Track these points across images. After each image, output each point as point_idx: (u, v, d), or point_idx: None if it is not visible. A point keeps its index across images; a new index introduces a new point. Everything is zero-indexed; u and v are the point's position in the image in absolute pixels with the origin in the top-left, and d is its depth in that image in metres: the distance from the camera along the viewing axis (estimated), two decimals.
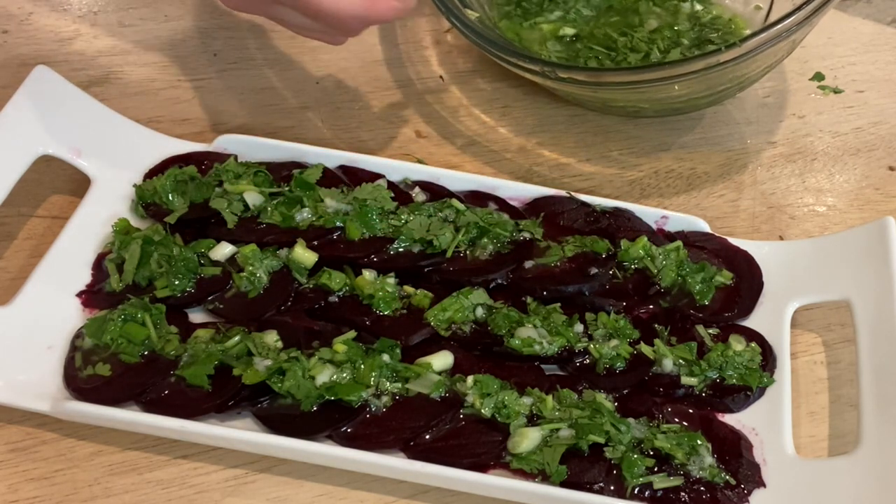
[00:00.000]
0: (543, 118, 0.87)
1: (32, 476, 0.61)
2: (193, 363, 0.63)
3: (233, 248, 0.69)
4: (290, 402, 0.61)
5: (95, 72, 0.85)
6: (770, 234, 0.80)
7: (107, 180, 0.72)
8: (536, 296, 0.69)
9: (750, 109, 0.90)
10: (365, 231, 0.70)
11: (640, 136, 0.86)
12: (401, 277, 0.69)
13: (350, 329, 0.65)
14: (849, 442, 0.65)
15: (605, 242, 0.71)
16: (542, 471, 0.60)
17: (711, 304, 0.71)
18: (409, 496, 0.62)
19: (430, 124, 0.86)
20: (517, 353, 0.65)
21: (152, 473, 0.61)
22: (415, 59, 0.91)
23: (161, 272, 0.67)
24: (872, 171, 0.86)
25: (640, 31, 0.86)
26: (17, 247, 0.72)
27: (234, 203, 0.71)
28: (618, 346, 0.66)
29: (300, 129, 0.84)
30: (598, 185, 0.82)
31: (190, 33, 0.90)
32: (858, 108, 0.91)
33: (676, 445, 0.62)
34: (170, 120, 0.82)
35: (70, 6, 0.91)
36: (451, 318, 0.67)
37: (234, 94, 0.86)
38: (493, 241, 0.71)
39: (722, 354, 0.67)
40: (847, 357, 0.71)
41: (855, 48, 0.96)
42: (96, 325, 0.64)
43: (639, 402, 0.65)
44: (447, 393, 0.63)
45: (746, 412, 0.66)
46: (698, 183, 0.83)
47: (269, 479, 0.62)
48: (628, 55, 0.84)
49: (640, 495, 0.60)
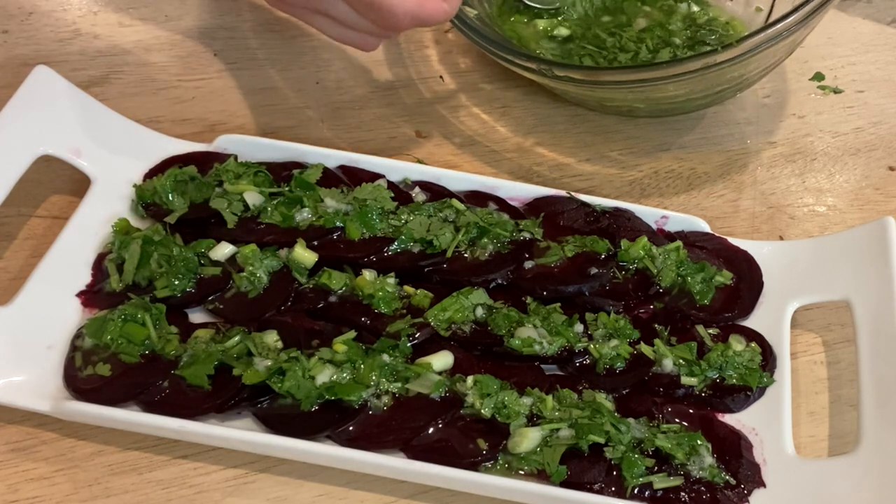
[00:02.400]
0: (543, 118, 0.87)
1: (32, 476, 0.61)
2: (193, 363, 0.63)
3: (233, 248, 0.69)
4: (290, 402, 0.61)
5: (95, 72, 0.85)
6: (770, 234, 0.80)
7: (107, 180, 0.72)
8: (536, 296, 0.69)
9: (750, 109, 0.90)
10: (365, 231, 0.70)
11: (640, 137, 0.86)
12: (401, 277, 0.69)
13: (350, 329, 0.65)
14: (849, 442, 0.65)
15: (605, 242, 0.71)
16: (542, 471, 0.60)
17: (711, 304, 0.71)
18: (409, 496, 0.62)
19: (429, 124, 0.86)
20: (517, 353, 0.65)
21: (152, 473, 0.61)
22: (415, 59, 0.91)
23: (161, 272, 0.67)
24: (872, 171, 0.86)
25: (629, 31, 0.86)
26: (17, 247, 0.72)
27: (234, 203, 0.71)
28: (618, 346, 0.66)
29: (300, 129, 0.84)
30: (598, 185, 0.82)
31: (190, 33, 0.90)
32: (858, 108, 0.91)
33: (676, 445, 0.62)
34: (170, 120, 0.82)
35: (70, 6, 0.91)
36: (451, 318, 0.67)
37: (234, 94, 0.86)
38: (493, 241, 0.71)
39: (722, 354, 0.67)
40: (847, 357, 0.71)
41: (855, 48, 0.96)
42: (96, 325, 0.64)
43: (639, 402, 0.65)
44: (447, 393, 0.63)
45: (746, 412, 0.66)
46: (698, 183, 0.83)
47: (269, 479, 0.62)
48: (618, 55, 0.84)
49: (640, 495, 0.60)
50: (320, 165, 0.74)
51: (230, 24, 0.92)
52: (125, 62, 0.87)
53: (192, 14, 0.92)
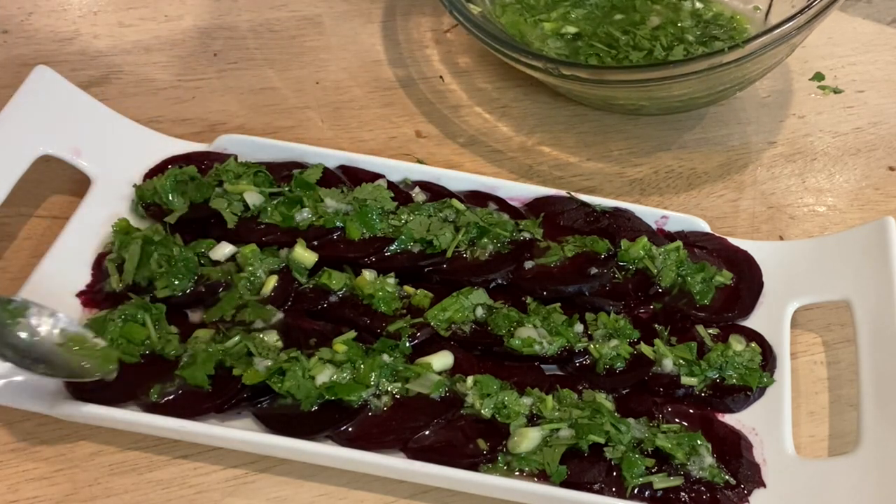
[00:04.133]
0: (544, 118, 0.87)
1: (32, 476, 0.61)
2: (193, 363, 0.62)
3: (233, 248, 0.69)
4: (290, 402, 0.61)
5: (95, 72, 0.85)
6: (770, 234, 0.80)
7: (107, 180, 0.72)
8: (536, 296, 0.69)
9: (750, 109, 0.90)
10: (365, 231, 0.70)
11: (641, 136, 0.86)
12: (401, 277, 0.69)
13: (350, 329, 0.65)
14: (849, 442, 0.65)
15: (605, 242, 0.71)
16: (542, 471, 0.60)
17: (711, 304, 0.71)
18: (409, 496, 0.62)
19: (430, 124, 0.86)
20: (517, 353, 0.65)
21: (152, 473, 0.61)
22: (415, 59, 0.91)
23: (161, 272, 0.67)
24: (872, 171, 0.86)
25: (643, 29, 0.86)
26: (17, 247, 0.72)
27: (234, 203, 0.71)
28: (618, 346, 0.66)
29: (300, 129, 0.84)
30: (599, 184, 0.82)
31: (190, 33, 0.90)
32: (858, 108, 0.91)
33: (676, 445, 0.62)
34: (170, 120, 0.82)
35: (70, 6, 0.91)
36: (451, 318, 0.67)
37: (234, 94, 0.86)
38: (493, 241, 0.71)
39: (722, 354, 0.67)
40: (847, 357, 0.71)
41: (855, 48, 0.96)
42: (96, 325, 0.64)
43: (639, 402, 0.65)
44: (447, 393, 0.63)
45: (746, 412, 0.66)
46: (698, 183, 0.83)
47: (269, 479, 0.62)
48: (630, 53, 0.84)
49: (640, 495, 0.60)
50: (320, 165, 0.74)
51: (230, 24, 0.92)
52: (125, 62, 0.87)
53: (191, 14, 0.92)
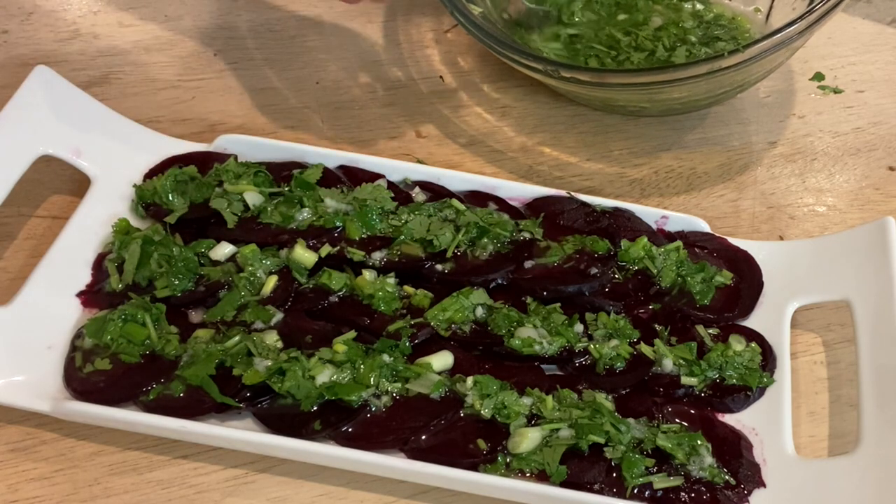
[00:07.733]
0: (544, 118, 0.87)
1: (32, 476, 0.61)
2: (193, 363, 0.63)
3: (233, 248, 0.69)
4: (290, 402, 0.61)
5: (95, 72, 0.85)
6: (770, 234, 0.80)
7: (107, 180, 0.72)
8: (536, 296, 0.69)
9: (750, 109, 0.90)
10: (365, 231, 0.70)
11: (641, 136, 0.86)
12: (401, 277, 0.69)
13: (350, 329, 0.65)
14: (849, 442, 0.65)
15: (605, 242, 0.71)
16: (542, 471, 0.60)
17: (711, 304, 0.71)
18: (409, 496, 0.62)
19: (430, 124, 0.86)
20: (517, 353, 0.65)
21: (152, 473, 0.61)
22: (415, 59, 0.91)
23: (161, 272, 0.67)
24: (872, 171, 0.86)
25: (644, 30, 0.86)
26: (17, 247, 0.72)
27: (234, 203, 0.71)
28: (618, 346, 0.66)
29: (300, 129, 0.84)
30: (599, 184, 0.82)
31: (190, 33, 0.90)
32: (858, 108, 0.91)
33: (676, 445, 0.62)
34: (170, 120, 0.82)
35: (70, 6, 0.91)
36: (451, 318, 0.67)
37: (234, 94, 0.86)
38: (493, 241, 0.71)
39: (722, 354, 0.67)
40: (847, 357, 0.71)
41: (855, 48, 0.96)
42: (96, 325, 0.64)
43: (639, 402, 0.65)
44: (447, 393, 0.63)
45: (746, 412, 0.66)
46: (698, 183, 0.83)
47: (269, 479, 0.62)
48: (632, 54, 0.84)
49: (640, 495, 0.60)
50: (320, 165, 0.74)
51: (229, 24, 0.92)
52: (125, 62, 0.87)
53: (191, 14, 0.92)
